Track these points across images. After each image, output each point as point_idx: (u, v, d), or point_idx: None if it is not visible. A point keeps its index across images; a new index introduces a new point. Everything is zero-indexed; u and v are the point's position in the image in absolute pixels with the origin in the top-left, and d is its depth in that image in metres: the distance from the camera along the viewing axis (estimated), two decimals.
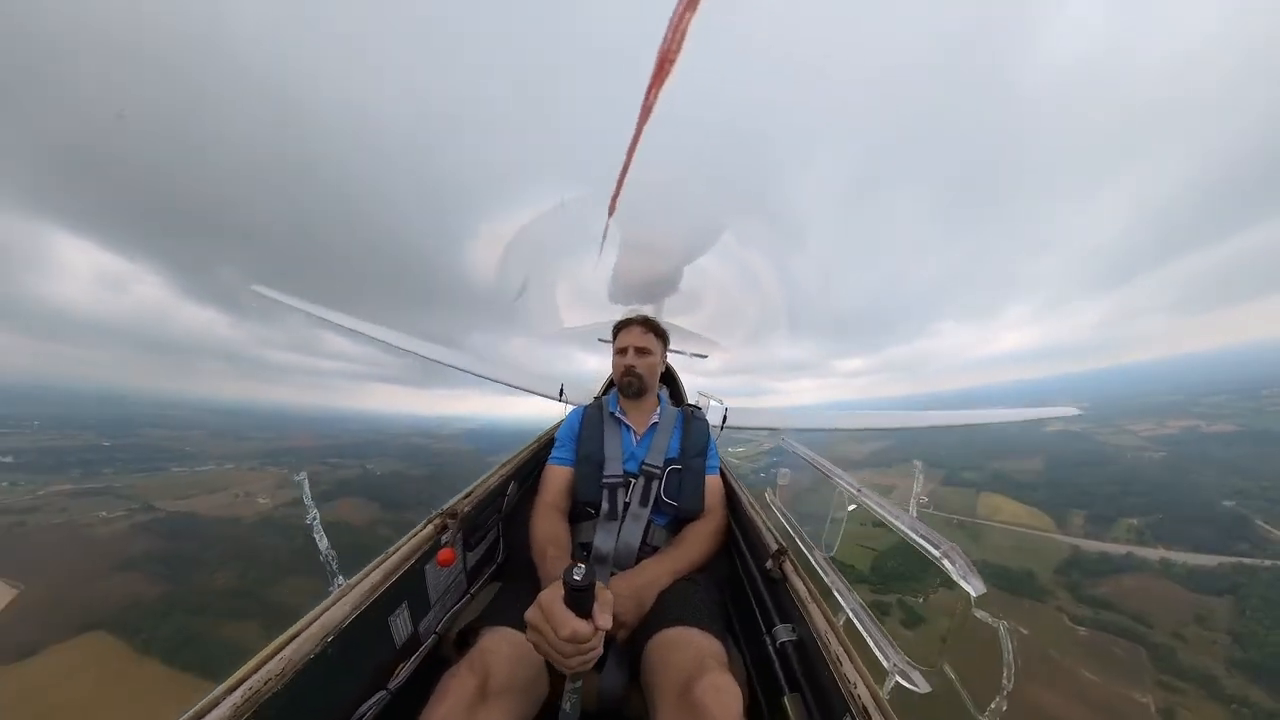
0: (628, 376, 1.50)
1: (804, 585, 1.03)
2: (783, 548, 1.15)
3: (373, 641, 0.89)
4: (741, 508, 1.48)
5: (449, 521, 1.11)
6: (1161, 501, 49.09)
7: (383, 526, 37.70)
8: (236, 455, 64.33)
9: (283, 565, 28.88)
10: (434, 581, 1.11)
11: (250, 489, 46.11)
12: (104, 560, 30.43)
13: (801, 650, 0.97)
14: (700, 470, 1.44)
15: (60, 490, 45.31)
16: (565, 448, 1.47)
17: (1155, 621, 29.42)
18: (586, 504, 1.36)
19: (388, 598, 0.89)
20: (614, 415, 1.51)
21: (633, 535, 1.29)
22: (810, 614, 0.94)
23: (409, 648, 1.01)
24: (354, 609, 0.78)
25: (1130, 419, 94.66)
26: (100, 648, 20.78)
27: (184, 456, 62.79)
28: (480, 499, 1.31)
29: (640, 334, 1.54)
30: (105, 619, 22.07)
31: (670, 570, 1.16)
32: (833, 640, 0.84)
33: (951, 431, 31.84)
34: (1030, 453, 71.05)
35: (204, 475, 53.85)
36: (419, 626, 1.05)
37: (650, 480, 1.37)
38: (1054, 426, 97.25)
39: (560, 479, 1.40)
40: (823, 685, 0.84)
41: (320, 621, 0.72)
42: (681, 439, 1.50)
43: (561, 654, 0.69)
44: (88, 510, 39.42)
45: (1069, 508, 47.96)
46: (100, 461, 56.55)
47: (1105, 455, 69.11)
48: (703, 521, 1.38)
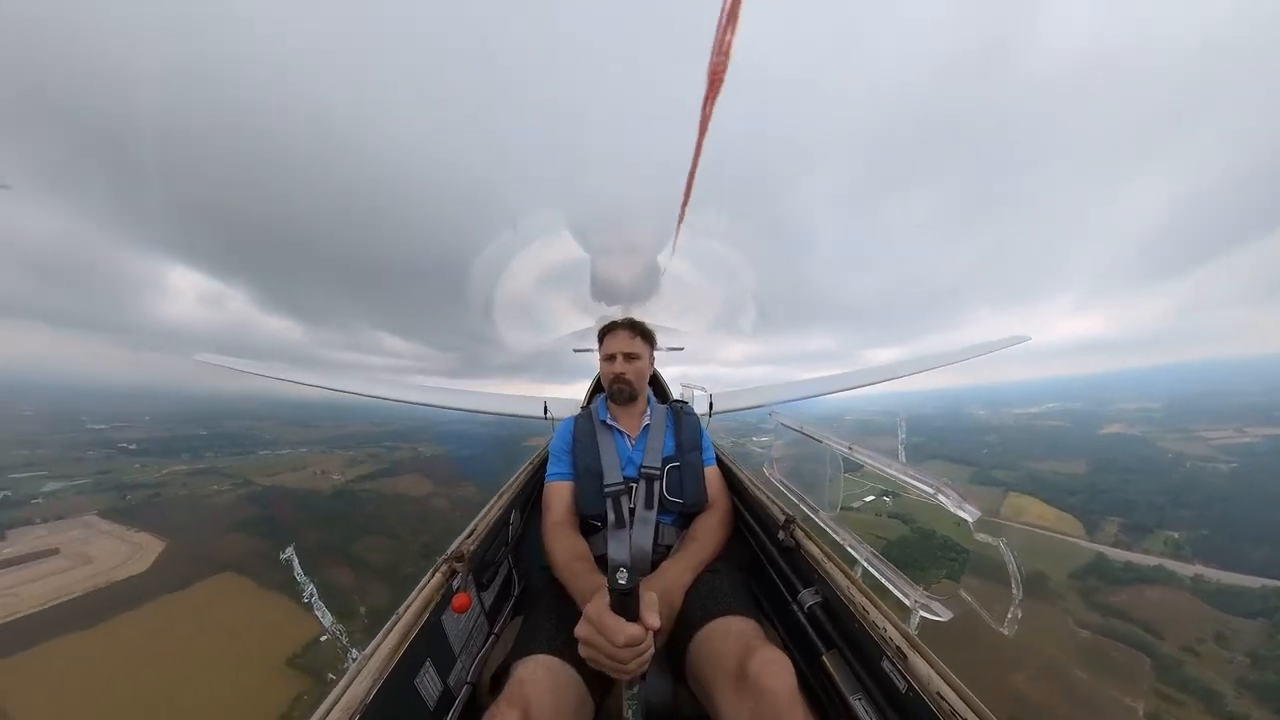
0: (618, 384, 1.48)
1: (817, 547, 1.09)
2: (790, 517, 1.21)
3: (403, 709, 0.83)
4: (745, 488, 1.53)
5: (456, 565, 1.04)
6: (1213, 517, 45.87)
7: (435, 499, 43.34)
8: (307, 441, 73.51)
9: (358, 526, 35.48)
10: (454, 631, 1.04)
11: (324, 468, 53.77)
12: (223, 522, 38.28)
13: (829, 609, 1.00)
14: (698, 464, 1.45)
15: (177, 470, 54.54)
16: (562, 461, 1.44)
17: (1168, 634, 28.79)
18: (591, 516, 1.35)
19: (409, 659, 0.82)
20: (605, 423, 1.49)
21: (644, 539, 1.29)
22: (829, 573, 0.99)
23: (444, 705, 0.96)
24: (375, 681, 0.71)
25: (1205, 423, 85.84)
26: (233, 583, 27.68)
27: (266, 442, 72.08)
28: (484, 535, 1.24)
29: (628, 339, 1.52)
30: (232, 563, 29.20)
31: (690, 566, 1.15)
32: (855, 593, 0.89)
33: (990, 429, 33.36)
34: (1074, 455, 66.39)
35: (284, 457, 62.37)
36: (449, 681, 0.98)
37: (651, 482, 1.36)
38: (1111, 429, 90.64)
39: (563, 494, 1.37)
40: (855, 637, 0.88)
41: (342, 704, 0.65)
42: (675, 436, 1.49)
43: (620, 661, 0.71)
44: (203, 485, 48.16)
45: (1105, 514, 45.66)
46: (202, 447, 66.06)
47: (1162, 463, 64.04)
48: (709, 512, 1.39)
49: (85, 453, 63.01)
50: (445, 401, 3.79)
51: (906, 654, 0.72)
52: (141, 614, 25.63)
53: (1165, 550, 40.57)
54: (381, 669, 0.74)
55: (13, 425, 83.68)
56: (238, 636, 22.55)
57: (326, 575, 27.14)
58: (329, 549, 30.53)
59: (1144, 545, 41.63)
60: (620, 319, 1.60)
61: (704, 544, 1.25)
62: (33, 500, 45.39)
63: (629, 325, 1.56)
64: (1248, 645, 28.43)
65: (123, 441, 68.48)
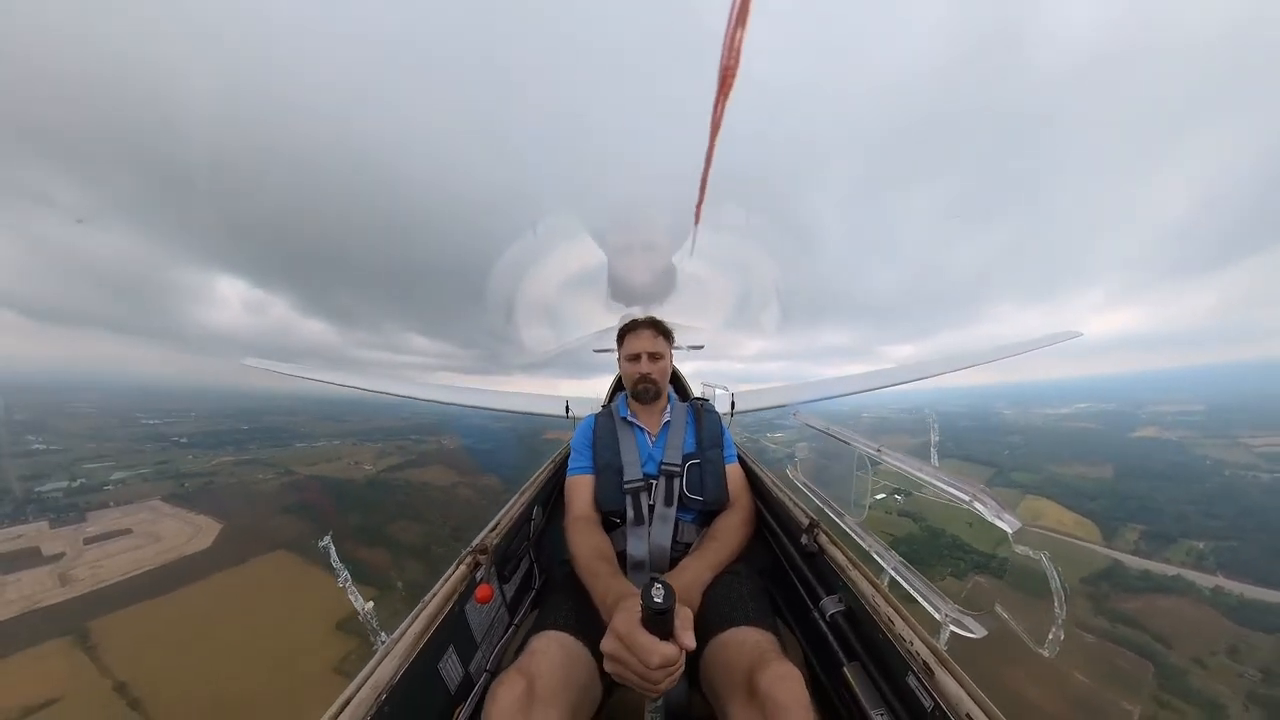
0: (643, 384, 1.49)
1: (842, 554, 1.04)
2: (814, 521, 1.17)
3: (426, 691, 0.88)
4: (767, 489, 1.50)
5: (480, 558, 1.10)
6: (1244, 528, 44.12)
7: (460, 488, 46.59)
8: (340, 434, 78.05)
9: (391, 512, 38.80)
10: (476, 621, 1.10)
11: (357, 459, 57.80)
12: (271, 506, 42.28)
13: (852, 619, 0.96)
14: (719, 461, 1.44)
15: (225, 460, 58.92)
16: (583, 455, 1.45)
17: (1178, 644, 28.23)
18: (611, 512, 1.36)
19: (434, 645, 0.88)
20: (626, 420, 1.50)
21: (663, 536, 1.29)
22: (854, 581, 0.94)
23: (464, 690, 1.00)
24: (402, 663, 0.76)
25: (1251, 429, 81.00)
26: (285, 559, 30.97)
27: (302, 435, 76.62)
28: (507, 529, 1.29)
29: (651, 338, 1.52)
30: (283, 543, 32.52)
31: (709, 566, 1.14)
32: (881, 603, 0.85)
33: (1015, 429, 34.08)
34: (1101, 459, 63.76)
35: (320, 449, 66.67)
36: (470, 668, 1.04)
37: (671, 479, 1.36)
38: (1145, 432, 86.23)
39: (585, 488, 1.38)
40: (880, 649, 0.84)
41: (371, 682, 0.70)
42: (696, 433, 1.49)
43: (652, 681, 0.68)
44: (250, 474, 52.70)
45: (1126, 521, 44.30)
46: (245, 440, 70.67)
47: (1196, 470, 61.38)
48: (730, 512, 1.37)
49: (144, 445, 68.97)
50: (469, 401, 3.88)
51: (934, 670, 0.68)
52: (209, 584, 29.13)
53: (1188, 560, 39.16)
54: (408, 653, 0.79)
55: (77, 421, 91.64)
56: (292, 604, 25.67)
57: (367, 554, 30.20)
58: (368, 530, 33.68)
59: (1165, 554, 40.19)
60: (642, 318, 1.59)
61: (724, 543, 1.24)
62: (105, 487, 50.21)
63: (651, 324, 1.56)
64: (1263, 661, 27.56)
65: (175, 435, 73.83)
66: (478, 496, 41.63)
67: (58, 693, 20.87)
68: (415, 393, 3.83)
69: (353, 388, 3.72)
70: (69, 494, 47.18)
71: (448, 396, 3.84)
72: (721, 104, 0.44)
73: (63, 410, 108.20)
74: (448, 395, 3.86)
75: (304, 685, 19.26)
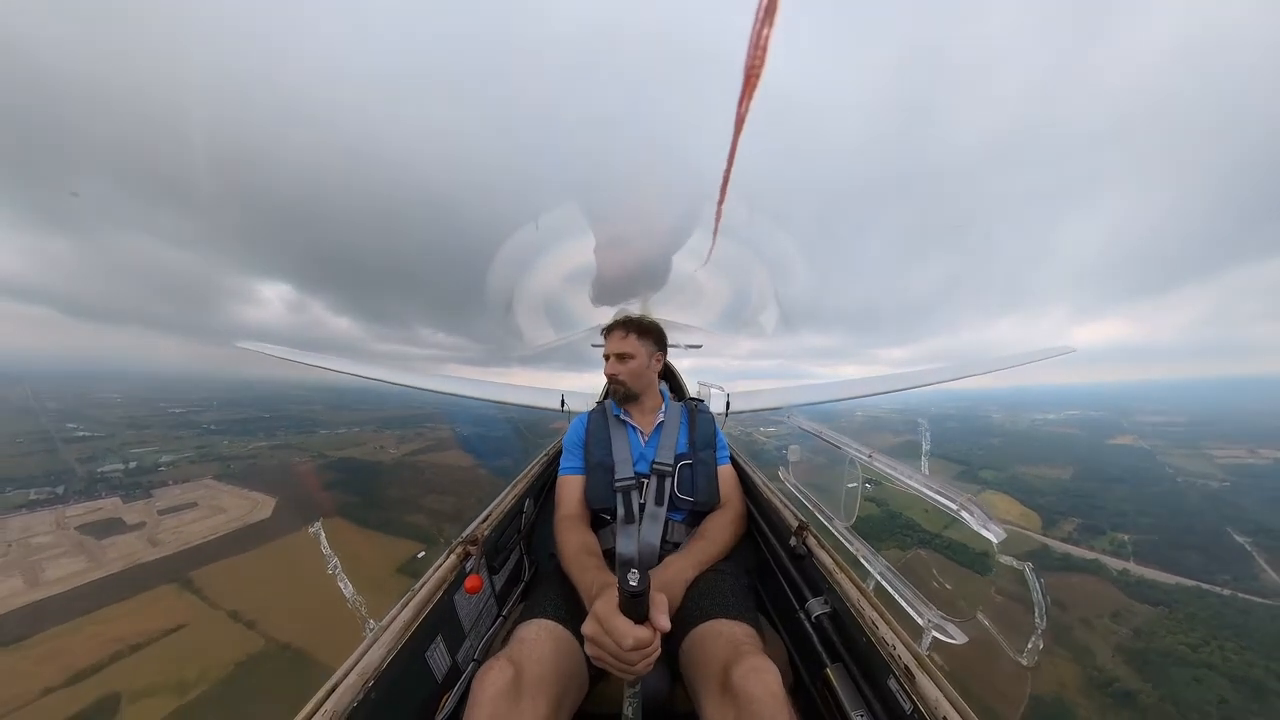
0: (613, 384, 1.50)
1: (829, 557, 1.05)
2: (803, 523, 1.18)
3: (413, 679, 0.89)
4: (758, 490, 1.52)
5: (470, 549, 1.10)
6: (1170, 526, 48.98)
7: (479, 470, 51.74)
8: (358, 422, 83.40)
9: (423, 488, 45.11)
10: (465, 610, 1.11)
11: (381, 444, 63.54)
12: (314, 484, 48.33)
13: (837, 621, 0.98)
14: (711, 462, 1.44)
15: (260, 445, 64.03)
16: (574, 456, 1.46)
17: (1073, 608, 32.96)
18: (601, 510, 1.36)
19: (421, 633, 0.89)
20: (619, 418, 1.50)
21: (652, 535, 1.29)
22: (840, 584, 0.96)
23: (450, 679, 1.01)
24: (390, 650, 0.77)
25: (1219, 442, 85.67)
26: (340, 524, 37.11)
27: (322, 423, 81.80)
28: (499, 521, 1.30)
29: (620, 339, 1.50)
30: (334, 511, 38.94)
31: (694, 563, 1.15)
32: (865, 606, 0.86)
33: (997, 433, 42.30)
34: (1066, 462, 68.36)
35: (344, 435, 72.58)
36: (457, 657, 1.05)
37: (663, 479, 1.37)
38: (1121, 440, 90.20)
39: (574, 488, 1.39)
40: (862, 652, 0.86)
41: (359, 668, 0.71)
42: (689, 434, 1.49)
43: (627, 663, 0.71)
44: (287, 457, 58.45)
45: (1068, 515, 49.08)
46: (272, 427, 75.78)
47: (1153, 475, 65.98)
48: (720, 511, 1.38)
49: (178, 432, 73.98)
50: (468, 391, 3.95)
51: (914, 674, 0.70)
52: (280, 544, 35.11)
53: (1109, 549, 43.27)
54: (396, 640, 0.81)
55: (109, 409, 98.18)
56: (356, 558, 31.72)
57: (411, 519, 36.63)
58: (406, 502, 40.10)
59: (1090, 543, 44.18)
60: (620, 318, 1.58)
61: (711, 542, 1.25)
62: (159, 468, 56.01)
63: (624, 324, 1.53)
64: (1137, 624, 32.27)
65: (204, 423, 79.10)
66: (496, 478, 47.03)
67: (183, 621, 26.94)
68: (416, 382, 3.89)
69: (351, 374, 3.79)
70: (128, 474, 53.31)
71: (445, 386, 3.93)
72: (746, 102, 0.42)
73: (92, 399, 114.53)
74: (445, 385, 3.95)
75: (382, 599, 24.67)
